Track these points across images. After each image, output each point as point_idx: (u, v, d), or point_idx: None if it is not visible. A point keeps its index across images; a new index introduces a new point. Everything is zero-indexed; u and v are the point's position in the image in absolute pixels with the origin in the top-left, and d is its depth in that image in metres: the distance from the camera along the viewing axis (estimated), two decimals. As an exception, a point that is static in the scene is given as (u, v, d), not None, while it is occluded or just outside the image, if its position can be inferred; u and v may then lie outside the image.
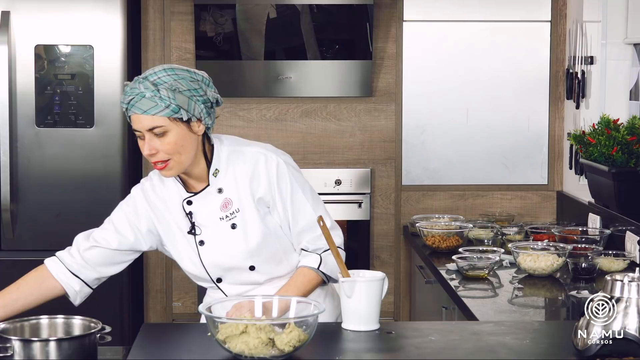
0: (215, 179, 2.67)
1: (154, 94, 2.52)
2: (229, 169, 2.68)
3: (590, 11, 4.52)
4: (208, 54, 4.85)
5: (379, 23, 4.91)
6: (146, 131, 2.55)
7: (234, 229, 2.67)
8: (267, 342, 2.13)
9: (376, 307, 2.46)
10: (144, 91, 2.53)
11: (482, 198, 4.99)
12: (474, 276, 3.57)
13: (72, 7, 4.47)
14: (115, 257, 2.77)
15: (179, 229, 2.71)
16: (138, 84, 2.55)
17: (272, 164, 2.67)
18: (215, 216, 2.67)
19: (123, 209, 2.76)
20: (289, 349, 2.14)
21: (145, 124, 2.54)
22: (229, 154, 2.69)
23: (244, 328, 2.13)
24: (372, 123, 4.95)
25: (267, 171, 2.67)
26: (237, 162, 2.68)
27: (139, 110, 2.53)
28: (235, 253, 2.67)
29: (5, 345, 2.23)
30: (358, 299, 2.43)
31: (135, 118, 2.56)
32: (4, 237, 4.48)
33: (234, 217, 2.67)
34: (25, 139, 4.45)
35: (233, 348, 2.14)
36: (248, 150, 2.70)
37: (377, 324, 2.46)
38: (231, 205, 2.67)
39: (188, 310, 4.99)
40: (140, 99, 2.53)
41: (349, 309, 2.45)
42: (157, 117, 2.53)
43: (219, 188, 2.68)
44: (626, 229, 3.84)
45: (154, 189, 2.73)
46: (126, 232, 2.73)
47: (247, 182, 2.66)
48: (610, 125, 4.01)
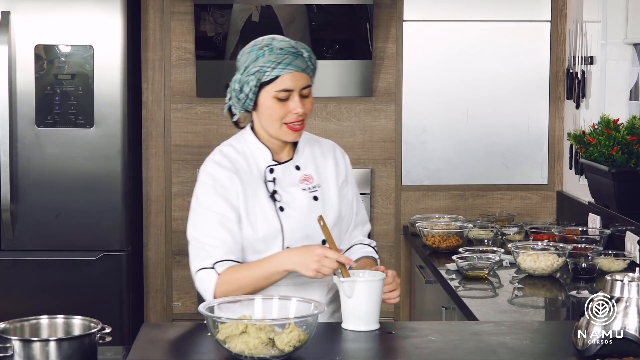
0: (298, 156, 2.78)
1: (309, 55, 2.67)
2: (306, 150, 2.80)
3: (590, 11, 4.52)
4: (208, 54, 4.85)
5: (379, 23, 4.91)
6: (299, 90, 2.65)
7: (315, 201, 2.74)
8: (267, 342, 2.13)
9: (376, 307, 2.46)
10: (302, 50, 2.66)
11: (482, 198, 4.99)
12: (474, 276, 3.57)
13: (72, 7, 4.46)
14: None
15: (261, 193, 2.72)
16: (294, 44, 2.65)
17: (346, 157, 2.88)
18: (297, 187, 2.74)
19: (217, 193, 2.69)
20: (289, 349, 2.14)
21: (301, 83, 2.65)
22: (307, 139, 2.83)
23: (244, 328, 2.13)
24: (372, 123, 4.95)
25: (344, 162, 2.85)
26: (315, 147, 2.82)
27: (297, 69, 2.63)
28: (314, 223, 2.68)
29: (5, 345, 2.23)
30: (358, 299, 2.43)
31: (292, 76, 2.64)
32: (4, 237, 4.48)
33: (315, 191, 2.76)
34: (25, 139, 4.45)
35: (233, 348, 2.14)
36: (321, 140, 2.88)
37: (377, 324, 2.46)
38: (312, 181, 2.77)
39: (188, 310, 4.99)
40: (296, 58, 2.64)
41: (348, 309, 2.45)
42: (308, 77, 2.67)
43: (297, 165, 2.77)
44: (626, 229, 3.84)
45: (230, 159, 2.74)
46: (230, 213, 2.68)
47: (332, 167, 2.80)
48: (610, 125, 4.01)
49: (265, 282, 2.58)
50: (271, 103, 2.65)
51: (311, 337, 2.20)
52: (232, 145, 2.77)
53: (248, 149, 2.75)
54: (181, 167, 4.97)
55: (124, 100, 4.49)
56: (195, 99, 4.96)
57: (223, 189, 2.67)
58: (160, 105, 4.95)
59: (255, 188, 2.70)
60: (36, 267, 4.49)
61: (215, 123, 4.97)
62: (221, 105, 5.15)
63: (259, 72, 2.63)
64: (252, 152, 2.74)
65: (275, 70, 2.61)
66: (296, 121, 2.66)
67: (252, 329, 2.13)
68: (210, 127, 4.97)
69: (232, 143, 2.78)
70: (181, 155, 4.97)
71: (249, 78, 2.65)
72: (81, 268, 4.50)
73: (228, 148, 2.77)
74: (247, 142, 2.76)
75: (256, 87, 2.65)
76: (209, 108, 4.97)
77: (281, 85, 2.63)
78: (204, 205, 2.69)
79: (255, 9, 4.75)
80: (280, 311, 2.37)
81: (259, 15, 4.78)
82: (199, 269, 2.64)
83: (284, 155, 2.77)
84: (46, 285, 4.49)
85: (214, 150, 2.80)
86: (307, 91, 2.67)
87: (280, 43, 2.65)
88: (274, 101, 2.64)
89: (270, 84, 2.64)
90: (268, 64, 2.62)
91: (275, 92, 2.63)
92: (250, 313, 2.33)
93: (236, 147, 2.76)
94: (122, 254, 4.53)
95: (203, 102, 4.97)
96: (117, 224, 4.51)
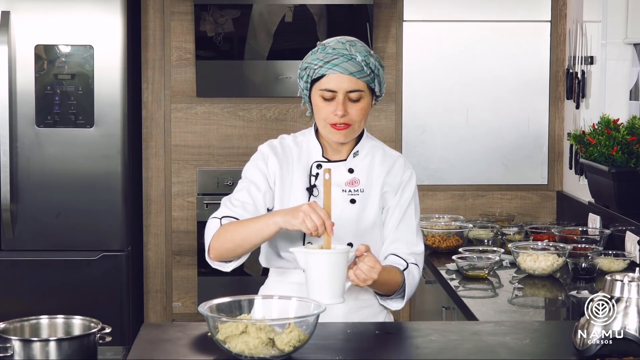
0: (352, 159, 2.77)
1: (364, 59, 2.65)
2: (367, 157, 2.79)
3: (590, 11, 4.52)
4: (208, 54, 4.85)
5: (379, 23, 4.91)
6: (344, 93, 2.65)
7: (352, 204, 2.74)
8: (267, 342, 2.13)
9: (329, 281, 2.45)
10: (355, 54, 2.65)
11: (482, 198, 4.99)
12: (474, 276, 3.57)
13: (72, 7, 4.47)
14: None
15: (300, 182, 2.75)
16: (348, 47, 2.66)
17: (409, 171, 2.82)
18: (338, 187, 2.74)
19: (256, 165, 2.80)
20: (289, 349, 2.14)
21: (346, 85, 2.65)
22: (373, 146, 2.82)
23: (244, 328, 2.13)
24: (372, 123, 4.95)
25: (402, 174, 2.80)
26: (377, 155, 2.80)
27: (344, 71, 2.64)
28: (344, 224, 2.71)
29: (5, 345, 2.23)
30: (311, 271, 2.45)
31: (336, 77, 2.65)
32: (4, 237, 4.48)
33: (356, 194, 2.75)
34: (25, 139, 4.45)
35: (233, 348, 2.14)
36: (391, 151, 2.85)
37: (335, 298, 2.46)
38: (358, 185, 2.76)
39: (188, 310, 4.99)
40: (347, 60, 2.64)
41: (307, 280, 2.47)
42: (360, 81, 2.66)
43: (351, 168, 2.77)
44: (626, 229, 3.84)
45: (283, 145, 2.80)
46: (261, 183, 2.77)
47: (382, 175, 2.77)
48: (610, 125, 4.01)
49: (255, 236, 2.60)
50: (317, 101, 2.70)
51: (311, 337, 2.20)
52: (295, 136, 2.84)
53: (306, 142, 2.81)
54: (181, 167, 4.97)
55: (124, 100, 4.49)
56: (195, 99, 4.96)
57: (263, 163, 2.77)
58: (160, 105, 4.95)
59: (297, 178, 2.75)
60: (36, 267, 4.49)
61: (215, 123, 4.97)
62: (221, 105, 5.17)
63: (308, 69, 2.70)
64: (308, 146, 2.80)
65: (322, 68, 2.66)
66: (339, 123, 2.68)
67: (252, 329, 2.13)
68: (210, 127, 4.97)
69: (297, 134, 2.86)
70: (181, 155, 4.97)
71: (302, 73, 2.72)
72: (81, 268, 4.50)
73: (289, 137, 2.84)
74: (308, 135, 2.82)
75: (307, 83, 2.71)
76: (209, 108, 4.97)
77: (325, 85, 2.67)
78: (243, 173, 2.80)
79: (288, 9, 4.78)
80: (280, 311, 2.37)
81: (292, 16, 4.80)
82: (211, 217, 2.74)
83: (338, 155, 2.78)
84: (46, 285, 4.49)
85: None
86: (356, 95, 2.66)
87: (336, 44, 2.68)
88: (320, 100, 2.69)
89: (317, 82, 2.69)
90: (316, 61, 2.68)
91: (320, 91, 2.68)
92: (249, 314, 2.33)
93: (297, 138, 2.83)
94: (122, 254, 4.54)
95: (203, 102, 4.97)
96: (117, 224, 4.52)
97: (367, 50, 2.69)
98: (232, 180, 4.90)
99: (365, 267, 2.52)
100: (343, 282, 2.48)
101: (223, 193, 4.93)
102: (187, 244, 4.99)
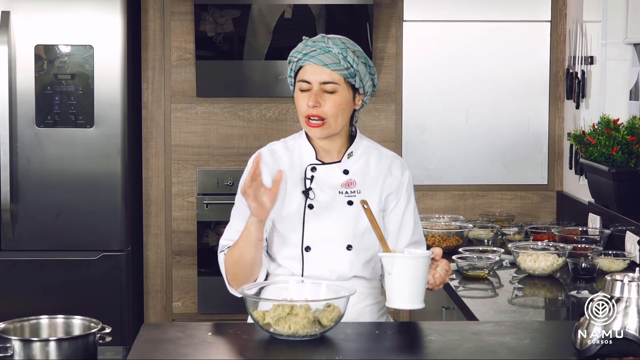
0: (347, 160, 2.78)
1: (341, 52, 2.67)
2: (362, 158, 2.79)
3: (590, 11, 4.52)
4: (208, 54, 4.85)
5: (379, 23, 4.91)
6: (319, 84, 2.67)
7: (349, 205, 2.74)
8: (313, 320, 2.32)
9: (411, 286, 2.49)
10: (332, 47, 2.67)
11: (482, 198, 4.99)
12: (474, 276, 3.57)
13: (72, 7, 4.47)
14: None
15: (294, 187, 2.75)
16: (326, 40, 2.69)
17: (407, 172, 2.83)
18: (334, 189, 2.75)
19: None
20: (332, 324, 2.34)
21: (320, 77, 2.67)
22: (367, 147, 2.83)
23: (289, 310, 2.31)
24: (372, 123, 4.95)
25: (401, 176, 2.81)
26: (372, 156, 2.81)
27: (319, 62, 2.67)
28: (341, 226, 2.72)
29: (5, 345, 2.23)
30: (397, 275, 2.47)
31: (311, 69, 2.67)
32: (4, 237, 4.48)
33: (353, 196, 2.75)
34: (25, 139, 4.46)
35: (281, 330, 2.30)
36: (386, 151, 2.87)
37: (416, 303, 2.52)
38: (354, 186, 2.76)
39: (188, 310, 4.99)
40: (323, 53, 2.67)
41: (389, 285, 2.50)
42: (334, 73, 2.67)
43: (346, 169, 2.77)
44: (626, 229, 3.84)
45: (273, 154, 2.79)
46: None
47: (381, 177, 2.78)
48: (610, 125, 4.00)
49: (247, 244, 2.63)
50: (296, 93, 2.73)
51: (343, 314, 2.38)
52: (285, 141, 2.84)
53: (297, 146, 2.80)
54: (181, 167, 4.97)
55: (124, 100, 4.49)
56: (195, 99, 4.96)
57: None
58: (160, 105, 4.95)
59: (291, 183, 2.75)
60: (36, 267, 4.49)
61: (215, 123, 4.97)
62: (221, 105, 5.17)
63: (291, 62, 2.73)
64: (300, 150, 2.80)
65: (301, 60, 2.69)
66: (313, 116, 2.68)
67: (301, 310, 2.31)
68: (210, 127, 4.97)
69: (288, 139, 2.85)
70: (181, 155, 4.97)
71: (288, 67, 2.75)
72: (81, 268, 4.50)
73: (279, 143, 2.84)
74: (299, 139, 2.82)
75: (291, 78, 2.75)
76: (209, 108, 4.97)
77: (302, 76, 2.70)
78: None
79: (288, 7, 4.77)
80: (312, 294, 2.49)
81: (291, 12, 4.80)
82: (218, 252, 2.78)
83: (331, 156, 2.78)
84: (46, 285, 4.49)
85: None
86: (331, 87, 2.67)
87: (318, 38, 2.71)
88: (298, 92, 2.72)
89: (297, 74, 2.71)
90: (296, 54, 2.71)
91: (298, 83, 2.71)
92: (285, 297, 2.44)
93: (288, 143, 2.83)
94: (122, 254, 4.54)
95: (203, 102, 4.97)
96: (117, 224, 4.52)
97: (347, 46, 2.68)
98: (232, 181, 4.90)
99: (442, 270, 2.62)
100: (424, 286, 2.53)
101: (223, 193, 4.96)
102: (187, 244, 4.99)
